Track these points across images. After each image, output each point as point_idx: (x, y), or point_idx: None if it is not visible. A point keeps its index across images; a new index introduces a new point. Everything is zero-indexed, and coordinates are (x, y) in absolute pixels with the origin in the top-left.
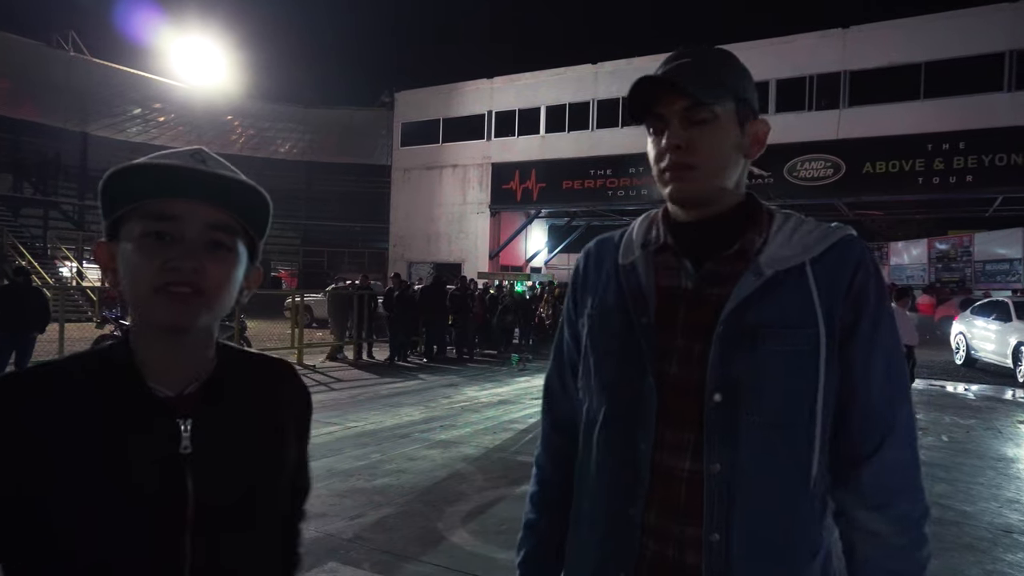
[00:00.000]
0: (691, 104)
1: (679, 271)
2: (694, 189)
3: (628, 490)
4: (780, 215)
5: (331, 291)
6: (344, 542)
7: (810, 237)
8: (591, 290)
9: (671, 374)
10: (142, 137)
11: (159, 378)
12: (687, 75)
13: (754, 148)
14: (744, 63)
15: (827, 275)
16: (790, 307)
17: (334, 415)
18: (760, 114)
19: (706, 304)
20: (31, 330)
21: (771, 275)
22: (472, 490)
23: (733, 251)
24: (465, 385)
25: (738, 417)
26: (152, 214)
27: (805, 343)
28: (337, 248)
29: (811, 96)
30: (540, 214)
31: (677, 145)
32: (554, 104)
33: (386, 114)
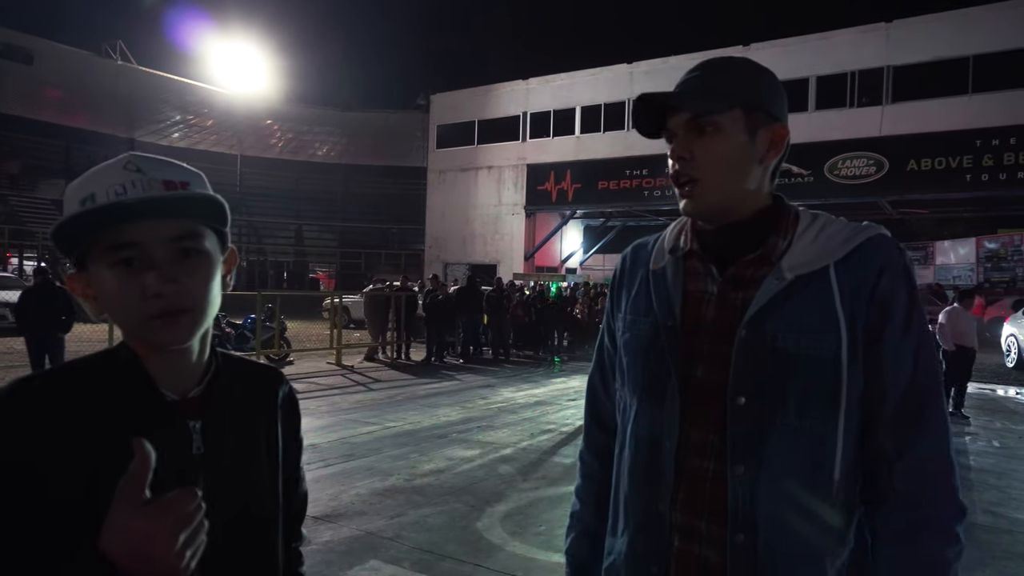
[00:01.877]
0: (693, 116)
1: (705, 276)
2: (701, 204)
3: (656, 488)
4: (807, 216)
5: (368, 292)
6: (385, 540)
7: (835, 239)
8: (626, 294)
9: (696, 376)
10: (185, 142)
11: (165, 381)
12: (689, 89)
13: (770, 153)
14: (782, 60)
15: (851, 278)
16: (811, 311)
17: (372, 415)
18: (795, 112)
19: (730, 308)
20: (56, 331)
21: (792, 279)
22: (511, 491)
23: (755, 255)
24: (502, 386)
25: (761, 420)
26: (112, 245)
27: (826, 347)
28: (374, 249)
29: (852, 93)
30: (575, 215)
31: (680, 156)
32: (589, 104)
33: (422, 116)
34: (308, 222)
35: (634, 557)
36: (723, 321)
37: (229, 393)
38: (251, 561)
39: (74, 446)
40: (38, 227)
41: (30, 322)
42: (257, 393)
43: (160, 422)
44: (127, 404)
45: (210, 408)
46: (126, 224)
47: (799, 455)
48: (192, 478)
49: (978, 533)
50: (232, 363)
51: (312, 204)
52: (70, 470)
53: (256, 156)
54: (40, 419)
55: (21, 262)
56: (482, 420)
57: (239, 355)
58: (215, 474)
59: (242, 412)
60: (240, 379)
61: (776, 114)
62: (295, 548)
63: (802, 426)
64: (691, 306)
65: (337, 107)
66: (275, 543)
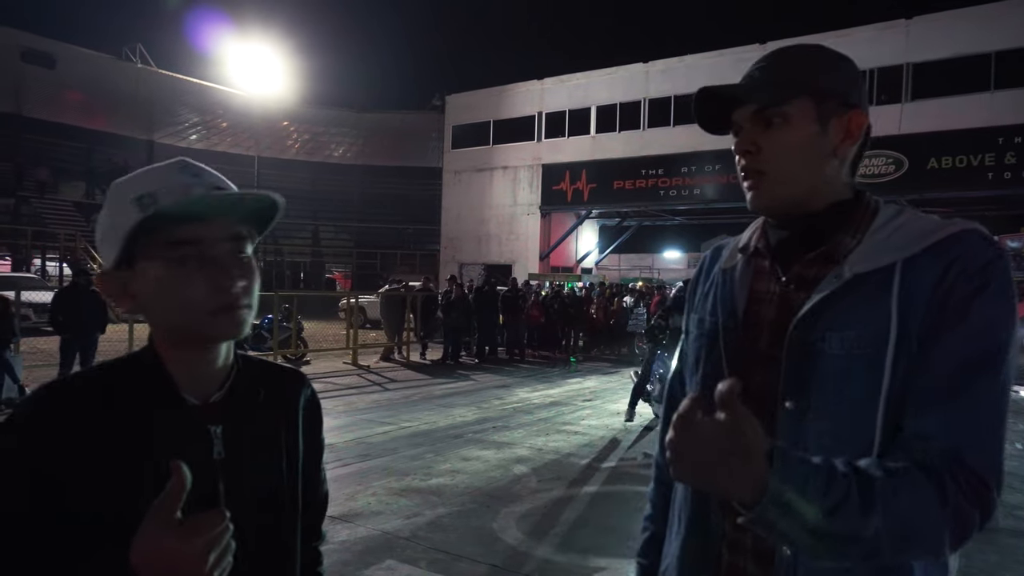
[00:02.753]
0: (759, 108)
1: (770, 275)
2: (768, 198)
3: (707, 497)
4: (889, 211)
5: (384, 292)
6: (401, 540)
7: (911, 235)
8: (700, 293)
9: (753, 381)
10: (203, 144)
11: (188, 386)
12: (754, 80)
13: (845, 143)
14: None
15: (917, 276)
16: (862, 311)
17: (388, 415)
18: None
19: (788, 309)
20: (92, 331)
21: (850, 277)
22: (526, 492)
23: (817, 253)
24: (517, 386)
25: (805, 425)
26: (175, 242)
27: (871, 346)
28: (389, 250)
29: (871, 90)
30: (591, 215)
31: (746, 150)
32: (605, 104)
33: (437, 117)
34: (324, 223)
35: (684, 564)
36: (780, 322)
37: (250, 397)
38: (270, 563)
39: (96, 452)
40: (61, 228)
41: (68, 322)
42: (278, 396)
43: (181, 427)
44: (149, 409)
45: (231, 412)
46: (190, 223)
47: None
48: (212, 482)
49: (1000, 537)
50: (253, 366)
51: (328, 205)
52: (92, 477)
53: (273, 157)
54: (64, 426)
55: (44, 263)
56: (498, 420)
57: (260, 358)
58: (235, 478)
59: (263, 416)
60: (261, 382)
61: (852, 101)
62: (315, 548)
63: (841, 434)
64: (754, 307)
65: (353, 108)
66: (294, 545)
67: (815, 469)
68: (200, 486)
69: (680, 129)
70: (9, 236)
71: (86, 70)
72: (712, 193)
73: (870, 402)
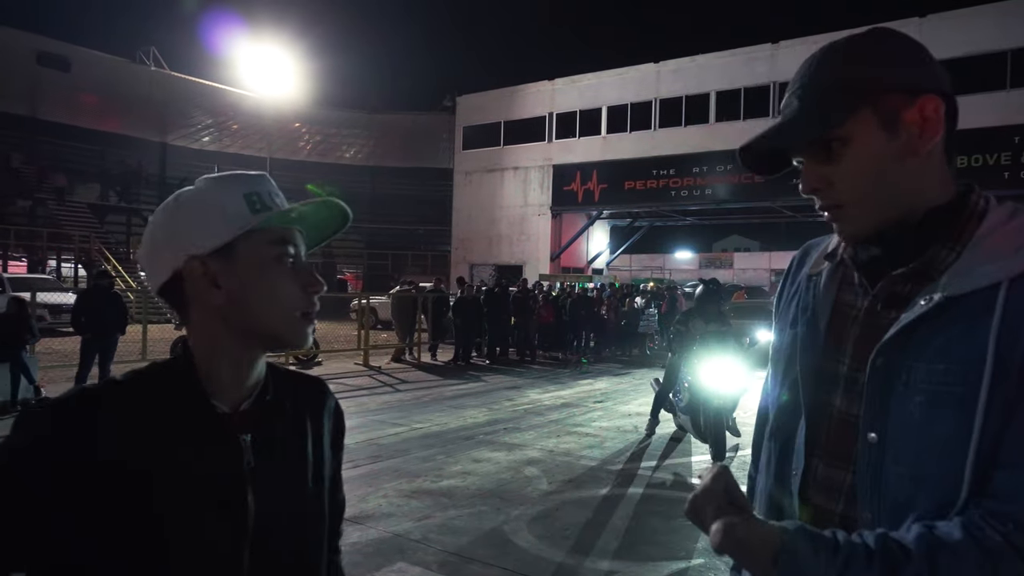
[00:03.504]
0: (810, 141)
1: (858, 288)
2: (854, 229)
3: (779, 514)
4: (1000, 212)
5: (395, 293)
6: (412, 542)
7: (1021, 248)
8: (786, 297)
9: (833, 404)
10: (215, 146)
11: (219, 394)
12: (791, 113)
13: (926, 136)
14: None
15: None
16: (955, 339)
17: (400, 416)
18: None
19: (875, 329)
20: (113, 332)
21: (942, 299)
22: (537, 494)
23: (909, 269)
24: (528, 387)
25: (884, 462)
26: (284, 239)
27: (962, 385)
28: (400, 251)
29: None
30: (602, 215)
31: (814, 188)
32: (616, 104)
33: (448, 118)
34: None
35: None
36: (865, 343)
37: (279, 406)
38: (300, 569)
39: (125, 458)
40: (76, 230)
41: (90, 323)
42: (305, 406)
43: (212, 436)
44: (181, 418)
45: (260, 421)
46: (290, 228)
47: (915, 507)
48: (239, 492)
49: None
50: (279, 375)
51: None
52: (122, 481)
53: (285, 159)
54: (97, 429)
55: (59, 265)
56: (508, 422)
57: (284, 367)
58: (265, 488)
59: (290, 426)
60: (288, 392)
61: (920, 85)
62: (335, 560)
63: (921, 475)
64: (838, 321)
65: (364, 109)
66: (320, 557)
67: (825, 565)
68: (229, 495)
69: (691, 129)
70: (25, 238)
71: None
72: (724, 193)
73: (958, 448)
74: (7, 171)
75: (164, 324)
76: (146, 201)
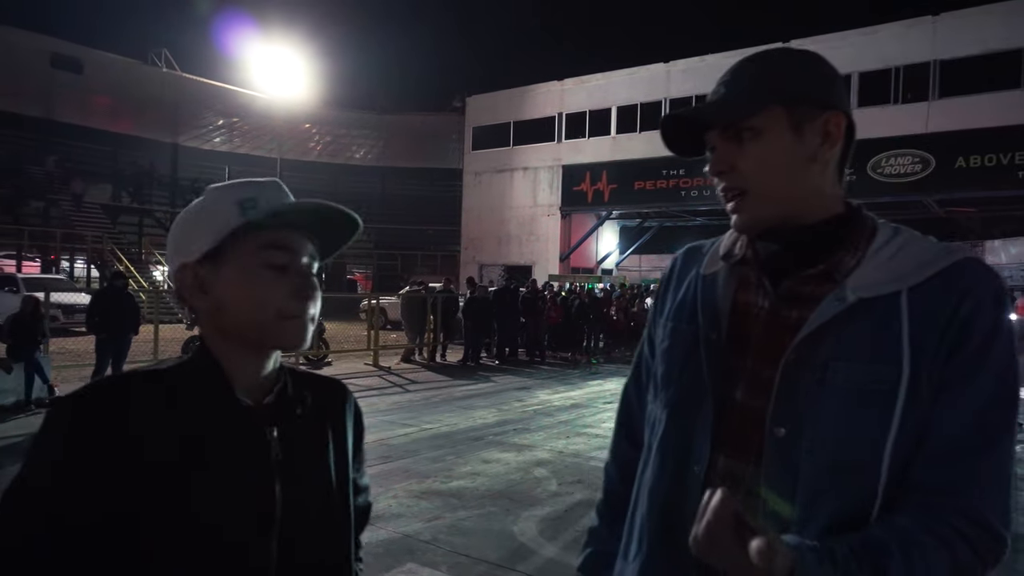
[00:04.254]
0: (728, 124)
1: (758, 288)
2: (752, 217)
3: (678, 516)
4: (887, 231)
5: (405, 294)
6: (422, 543)
7: (915, 260)
8: (672, 298)
9: (736, 399)
10: (226, 147)
11: (242, 389)
12: (718, 96)
13: (825, 147)
14: (823, 56)
15: (925, 306)
16: (872, 340)
17: (409, 416)
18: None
19: (781, 327)
20: (127, 332)
21: (855, 301)
22: (546, 495)
23: (817, 271)
24: (537, 388)
25: (799, 455)
26: (275, 244)
27: (883, 382)
28: (410, 251)
29: (897, 89)
30: (611, 215)
31: (720, 171)
32: (625, 104)
33: (457, 118)
34: None
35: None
36: (771, 340)
37: (299, 403)
38: (325, 563)
39: (155, 450)
40: (88, 231)
41: (104, 323)
42: (326, 404)
43: (240, 428)
44: (208, 409)
45: (284, 416)
46: (281, 231)
47: (836, 497)
48: (267, 483)
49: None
50: (297, 375)
51: (349, 206)
52: (153, 469)
53: (295, 159)
54: (120, 417)
55: (72, 265)
56: (518, 423)
57: (302, 368)
58: (292, 481)
59: (312, 423)
60: (308, 391)
61: (829, 102)
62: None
63: (841, 467)
64: (739, 320)
65: (374, 110)
66: (348, 552)
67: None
68: (257, 487)
69: None
70: (39, 238)
71: (113, 75)
72: None
73: (878, 441)
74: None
75: (176, 324)
76: (158, 202)
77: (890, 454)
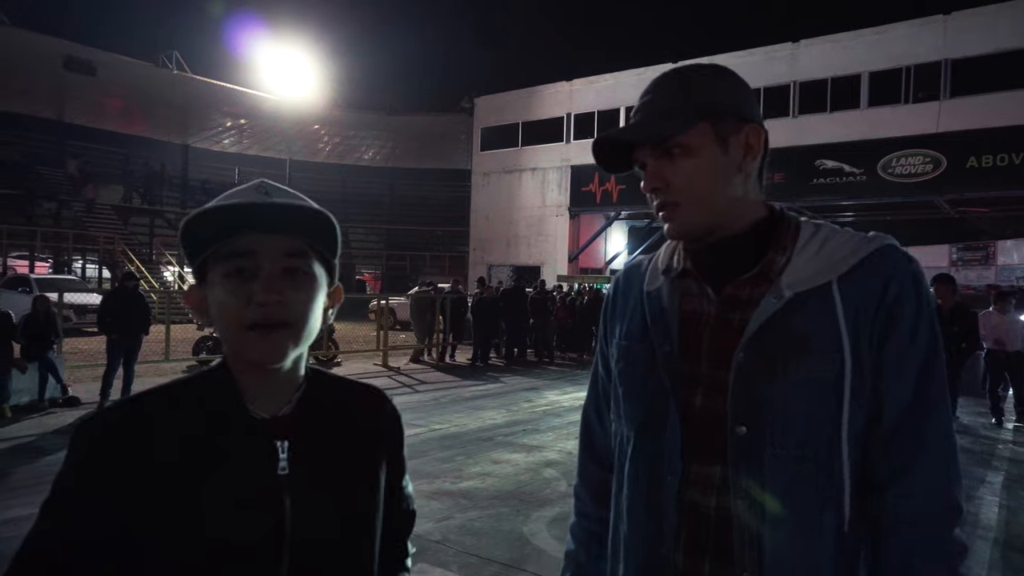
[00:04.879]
0: (654, 144)
1: (701, 296)
2: (686, 226)
3: (658, 528)
4: (808, 228)
5: (414, 294)
6: (432, 544)
7: (839, 252)
8: (619, 318)
9: (696, 405)
10: (236, 148)
11: (256, 400)
12: (645, 116)
13: (747, 158)
14: (834, 57)
15: (856, 293)
16: (813, 331)
17: (418, 417)
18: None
19: (728, 330)
20: (138, 332)
21: (791, 296)
22: (556, 496)
23: (752, 273)
24: (546, 389)
25: (763, 450)
26: (230, 253)
27: (828, 369)
28: (419, 251)
29: (908, 88)
30: (620, 216)
31: (654, 187)
32: (634, 104)
33: (466, 119)
34: (354, 224)
35: None
36: (721, 344)
37: (321, 413)
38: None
39: (162, 469)
40: (99, 232)
41: (115, 323)
42: (355, 413)
43: (247, 441)
44: (215, 423)
45: (299, 427)
46: (244, 234)
47: (803, 488)
48: (274, 498)
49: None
50: (328, 383)
51: (358, 207)
52: (156, 494)
53: (304, 160)
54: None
55: (84, 266)
56: (527, 423)
57: (339, 375)
58: (303, 494)
59: (336, 432)
60: (335, 398)
61: (747, 115)
62: (402, 564)
63: (806, 457)
64: (688, 329)
65: (382, 111)
66: (371, 564)
67: None
68: (264, 501)
69: None
70: (51, 239)
71: (125, 77)
72: None
73: (834, 425)
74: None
75: (187, 324)
76: (168, 203)
77: (847, 440)
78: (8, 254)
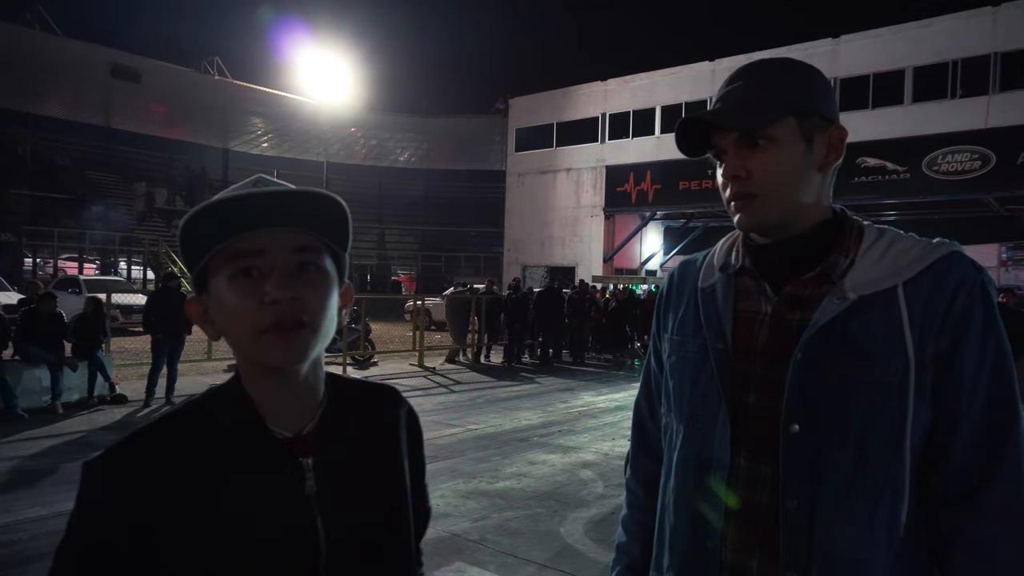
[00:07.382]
0: (740, 132)
1: (758, 295)
2: (759, 218)
3: (704, 522)
4: (872, 232)
5: (449, 295)
6: (469, 543)
7: (904, 257)
8: (672, 313)
9: (748, 403)
10: (275, 151)
11: (276, 418)
12: (733, 103)
13: (830, 158)
14: (876, 52)
15: (922, 299)
16: (877, 334)
17: (455, 417)
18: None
19: (785, 329)
20: (181, 332)
21: (855, 299)
22: (593, 497)
23: (815, 274)
24: (582, 390)
25: (817, 450)
26: (236, 253)
27: (892, 373)
28: (454, 252)
29: (954, 82)
30: (655, 216)
31: (735, 175)
32: (670, 104)
33: (500, 120)
34: (390, 226)
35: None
36: (777, 343)
37: (344, 424)
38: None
39: (184, 499)
40: (145, 234)
41: (159, 323)
42: (375, 418)
43: (270, 463)
44: (236, 447)
45: (324, 443)
46: (247, 233)
47: (858, 490)
48: (309, 518)
49: None
50: (345, 388)
51: (394, 208)
52: (179, 525)
53: (341, 163)
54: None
55: (130, 268)
56: (563, 424)
57: (352, 377)
58: (333, 512)
59: (359, 442)
60: (355, 406)
61: (831, 116)
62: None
63: (862, 460)
64: (742, 327)
65: (417, 114)
66: (409, 568)
67: None
68: (295, 522)
69: None
70: (99, 241)
71: (168, 83)
72: None
73: (895, 429)
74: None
75: None
76: None
77: (909, 446)
78: (59, 256)
